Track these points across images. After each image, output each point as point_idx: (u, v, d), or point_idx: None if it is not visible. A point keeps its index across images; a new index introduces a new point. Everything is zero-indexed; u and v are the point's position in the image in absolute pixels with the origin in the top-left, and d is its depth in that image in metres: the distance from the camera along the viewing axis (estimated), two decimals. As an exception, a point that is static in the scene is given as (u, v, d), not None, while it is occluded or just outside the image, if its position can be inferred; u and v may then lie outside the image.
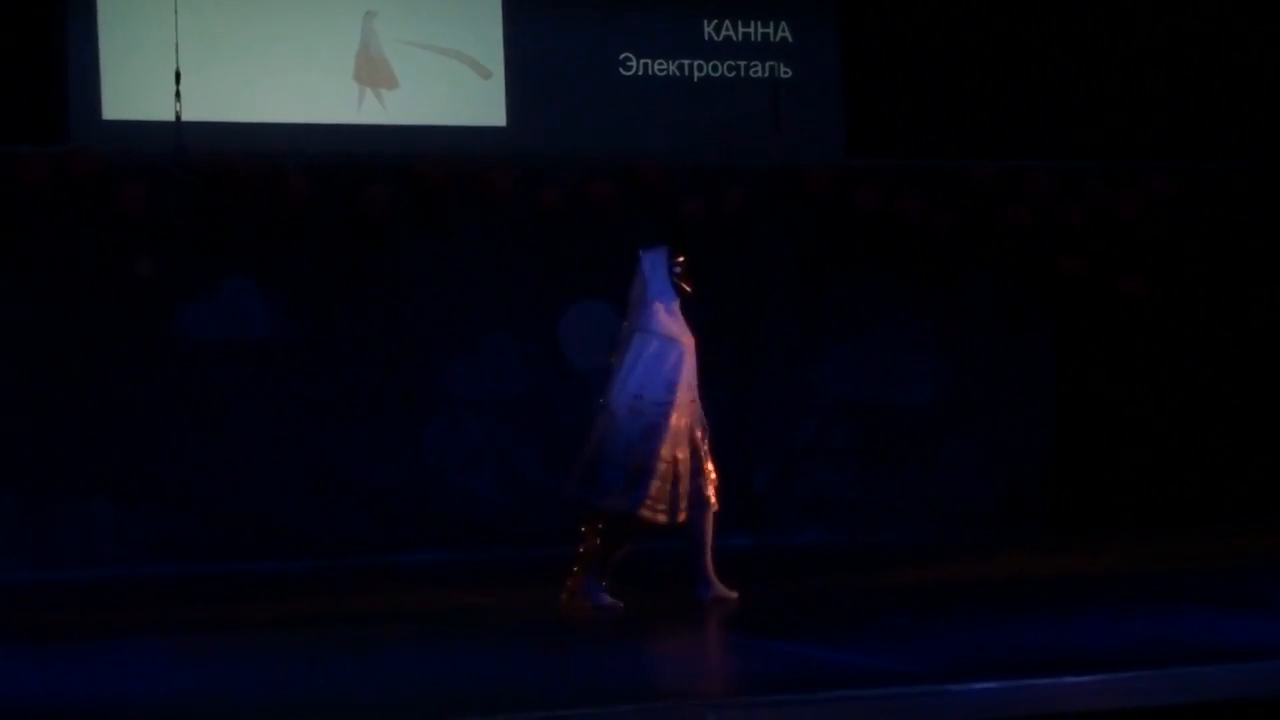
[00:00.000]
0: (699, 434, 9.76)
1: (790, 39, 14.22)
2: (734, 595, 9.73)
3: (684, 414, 9.70)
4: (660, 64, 13.98)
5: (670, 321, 9.84)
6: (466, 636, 9.17)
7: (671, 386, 9.70)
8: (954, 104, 14.32)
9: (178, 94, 12.49)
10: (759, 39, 14.18)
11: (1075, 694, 7.30)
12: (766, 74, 14.14)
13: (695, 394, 9.82)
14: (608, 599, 9.69)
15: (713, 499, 9.74)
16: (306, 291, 12.80)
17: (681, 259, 9.95)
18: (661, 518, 9.59)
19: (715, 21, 14.10)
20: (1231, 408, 14.21)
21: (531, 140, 13.51)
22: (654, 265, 9.97)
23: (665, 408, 9.67)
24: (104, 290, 12.45)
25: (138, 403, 12.49)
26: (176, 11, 12.62)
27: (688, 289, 9.90)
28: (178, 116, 12.58)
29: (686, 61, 14.04)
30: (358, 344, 12.88)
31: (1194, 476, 14.00)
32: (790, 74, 14.17)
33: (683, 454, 9.65)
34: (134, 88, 12.80)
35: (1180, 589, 10.16)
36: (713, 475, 9.78)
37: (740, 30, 14.17)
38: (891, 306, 13.80)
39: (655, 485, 9.55)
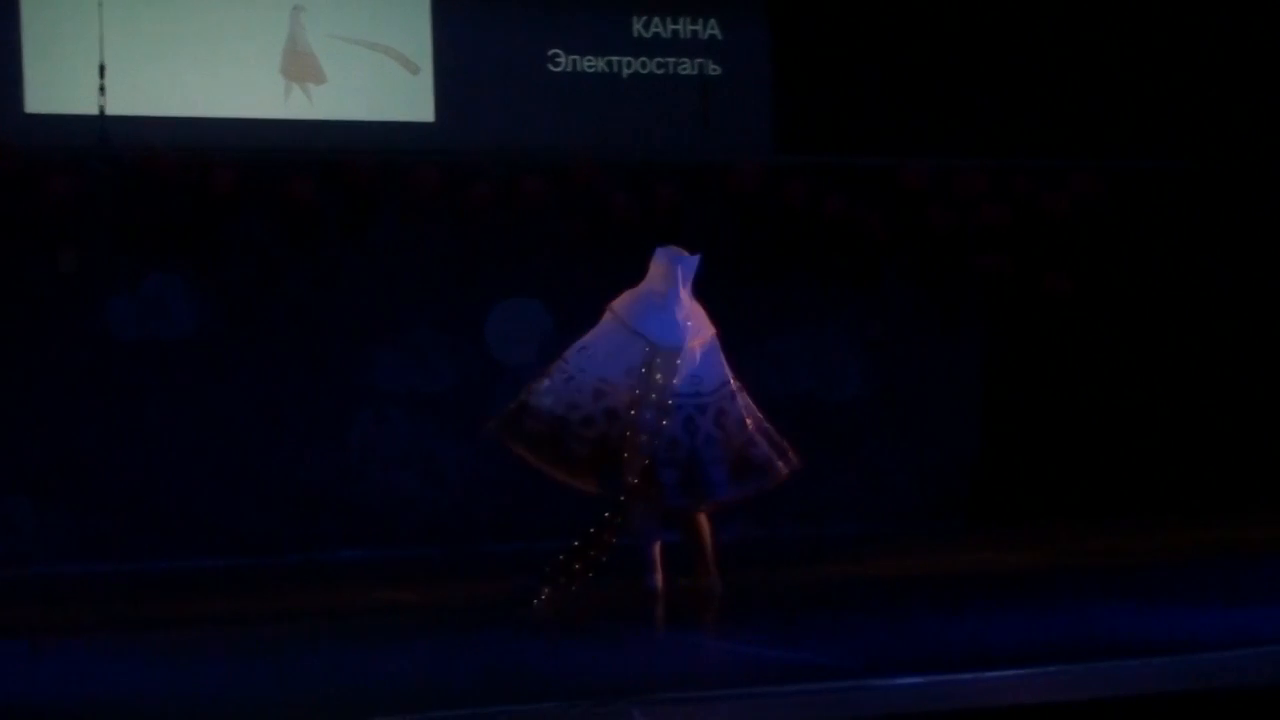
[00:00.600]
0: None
1: (720, 36, 14.24)
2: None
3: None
4: (589, 60, 13.97)
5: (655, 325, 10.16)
6: (391, 634, 9.13)
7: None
8: (883, 102, 14.35)
9: (102, 87, 12.43)
10: (688, 36, 14.19)
11: (999, 688, 7.32)
12: (696, 71, 14.15)
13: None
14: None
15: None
16: (232, 287, 12.72)
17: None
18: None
19: (645, 18, 14.10)
20: (1156, 405, 14.29)
21: (460, 136, 13.47)
22: (666, 261, 10.27)
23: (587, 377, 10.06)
24: (26, 285, 12.33)
25: (60, 399, 12.38)
26: (100, 4, 12.55)
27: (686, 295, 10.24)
28: (101, 110, 12.52)
29: (616, 58, 14.04)
30: (283, 340, 12.80)
31: (1119, 472, 14.08)
32: (719, 71, 14.19)
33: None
34: (57, 80, 12.71)
35: (1104, 584, 10.21)
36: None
37: (669, 27, 14.18)
38: (819, 303, 13.81)
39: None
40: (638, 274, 13.32)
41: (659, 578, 9.89)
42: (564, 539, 10.02)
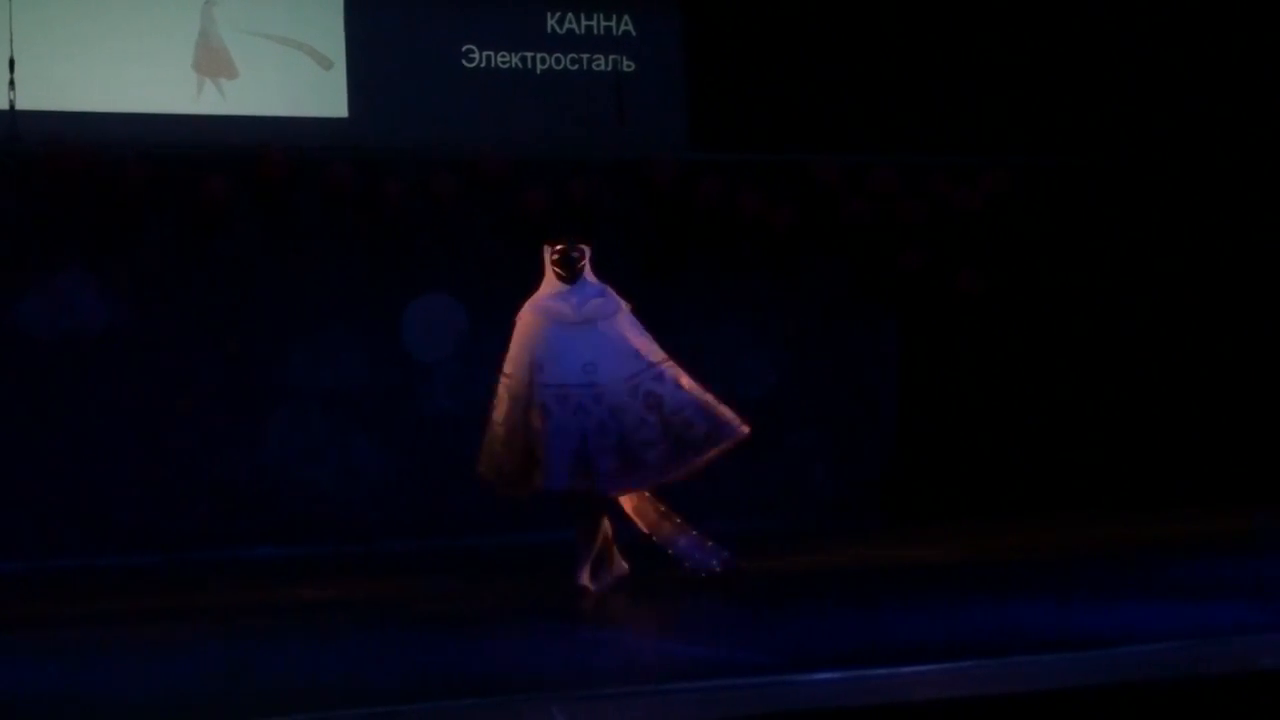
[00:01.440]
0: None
1: (633, 32, 14.25)
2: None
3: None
4: (503, 56, 13.95)
5: (546, 301, 9.97)
6: (308, 631, 9.08)
7: (534, 366, 9.85)
8: (797, 98, 14.39)
9: (11, 82, 12.34)
10: (602, 31, 14.19)
11: (916, 683, 7.34)
12: (609, 67, 14.16)
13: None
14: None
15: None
16: (144, 283, 12.65)
17: (558, 247, 10.03)
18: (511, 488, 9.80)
19: (558, 14, 14.09)
20: (1067, 400, 14.39)
21: (373, 132, 13.44)
22: (545, 259, 10.11)
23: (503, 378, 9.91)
24: (-64, 281, 12.24)
25: (-30, 395, 12.30)
26: (10, -1, 12.47)
27: (560, 273, 9.96)
28: (11, 105, 12.43)
29: (529, 54, 14.02)
30: (197, 336, 12.74)
31: (1032, 468, 14.18)
32: (633, 67, 14.19)
33: (537, 423, 9.73)
34: (-34, 76, 12.60)
35: (1019, 579, 10.26)
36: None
37: (583, 23, 14.17)
38: (734, 299, 13.85)
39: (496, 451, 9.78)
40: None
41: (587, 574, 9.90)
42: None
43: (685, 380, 10.12)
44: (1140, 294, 14.55)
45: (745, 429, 10.23)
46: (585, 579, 9.88)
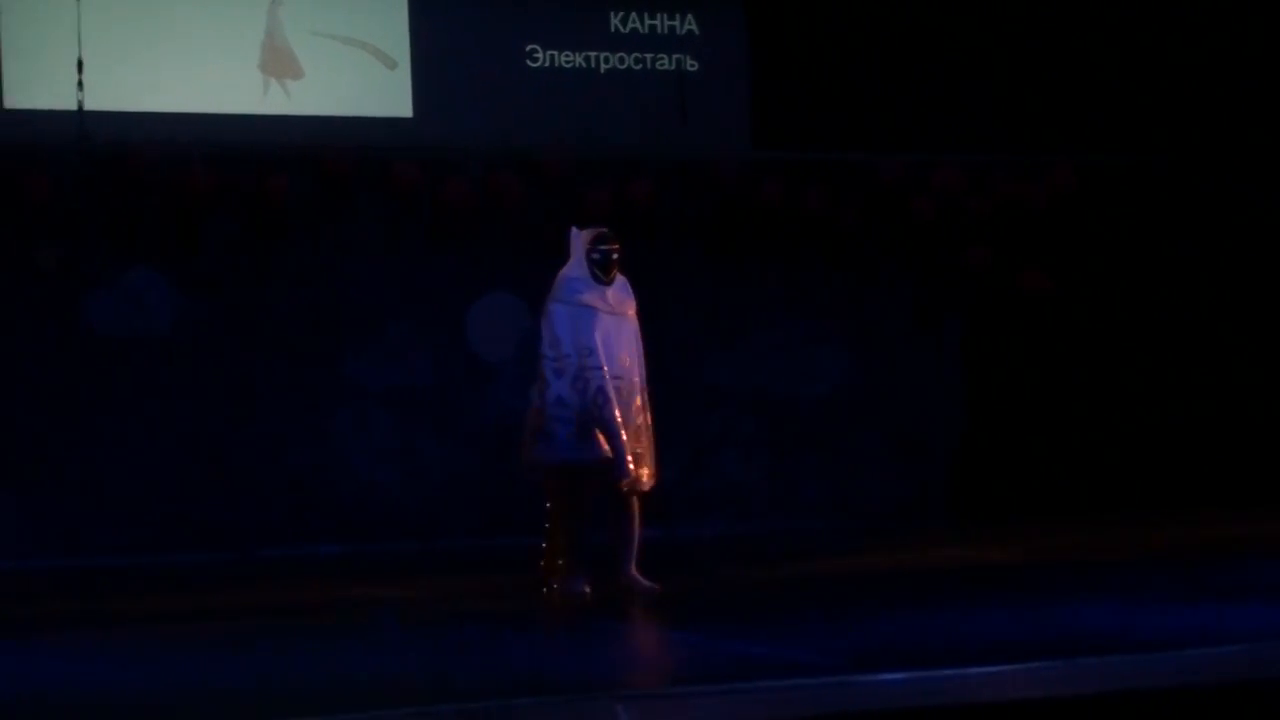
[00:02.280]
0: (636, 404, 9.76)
1: (697, 31, 14.25)
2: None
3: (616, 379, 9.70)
4: (567, 56, 13.97)
5: (587, 294, 9.78)
6: (372, 630, 9.12)
7: (583, 347, 9.69)
8: (861, 97, 14.37)
9: (80, 83, 12.43)
10: (665, 31, 14.20)
11: (981, 684, 7.33)
12: (673, 66, 14.16)
13: (630, 365, 9.79)
14: (580, 587, 9.65)
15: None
16: (211, 282, 12.71)
17: (604, 246, 9.85)
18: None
19: (622, 14, 14.10)
20: (1135, 399, 14.31)
21: (437, 131, 13.47)
22: (573, 242, 9.94)
23: (573, 361, 9.71)
24: (6, 281, 12.31)
25: (41, 394, 12.37)
26: (79, 1, 12.53)
27: (601, 275, 9.78)
28: (80, 106, 12.51)
29: (593, 54, 14.04)
30: (263, 335, 12.80)
31: (1099, 468, 14.11)
32: (696, 66, 14.19)
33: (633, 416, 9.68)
34: (36, 76, 12.69)
35: (1086, 579, 10.22)
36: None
37: (647, 22, 14.18)
38: (798, 299, 13.82)
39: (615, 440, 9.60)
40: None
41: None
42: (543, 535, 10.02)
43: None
44: (1208, 292, 14.46)
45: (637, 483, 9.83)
46: (632, 572, 9.76)
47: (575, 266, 9.85)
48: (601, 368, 9.62)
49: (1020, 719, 7.08)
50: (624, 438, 9.59)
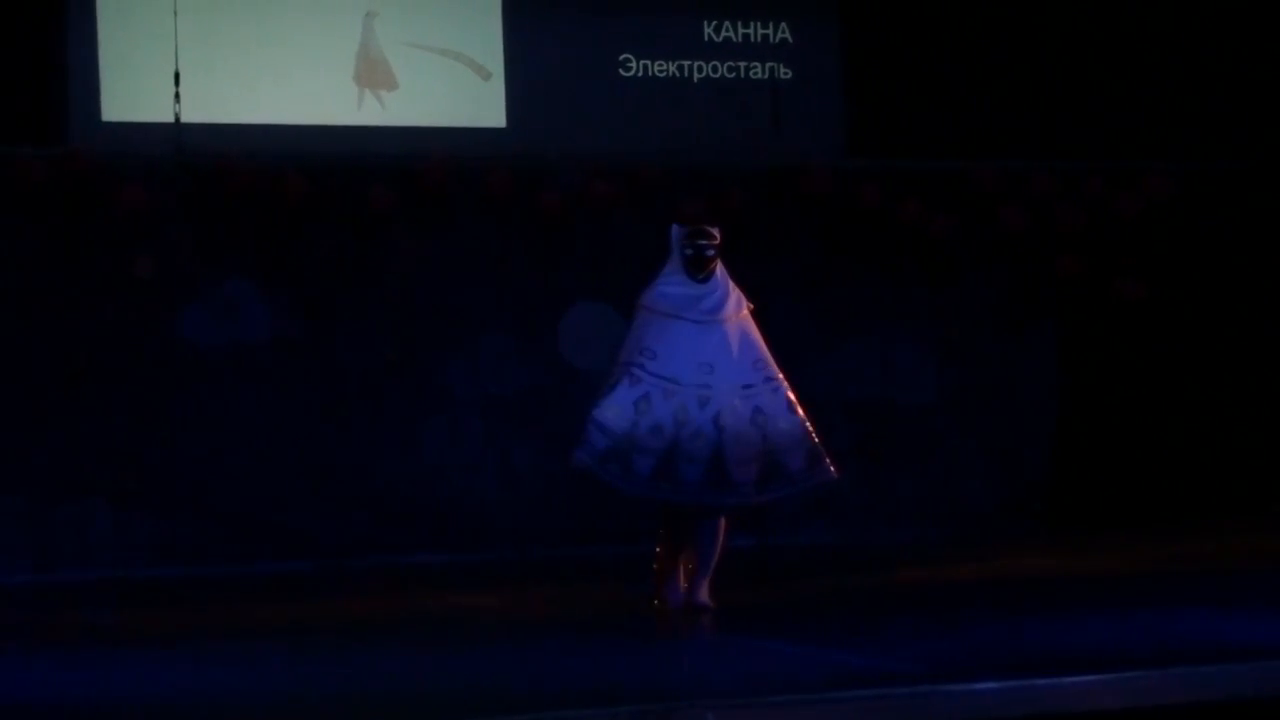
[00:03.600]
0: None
1: (790, 39, 14.21)
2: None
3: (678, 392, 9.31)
4: (660, 65, 13.97)
5: (671, 301, 9.50)
6: (467, 638, 9.16)
7: (636, 350, 9.42)
8: (954, 104, 14.31)
9: (177, 95, 12.53)
10: (759, 40, 14.17)
11: (1076, 694, 7.30)
12: (766, 75, 14.14)
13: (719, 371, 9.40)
14: (676, 596, 9.48)
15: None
16: (307, 293, 12.79)
17: (698, 241, 9.58)
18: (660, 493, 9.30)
19: (715, 22, 14.09)
20: (1232, 407, 14.20)
21: (531, 141, 13.50)
22: (675, 238, 9.71)
23: (621, 365, 9.46)
24: (103, 292, 12.42)
25: (137, 404, 12.47)
26: (176, 13, 12.65)
27: (694, 273, 9.54)
28: (177, 118, 12.61)
29: (686, 62, 14.03)
30: (358, 345, 12.86)
31: (1195, 476, 13.99)
32: (790, 75, 14.16)
33: (687, 431, 9.25)
34: (133, 89, 12.78)
35: (1182, 588, 10.15)
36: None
37: (740, 31, 14.16)
38: (893, 307, 13.78)
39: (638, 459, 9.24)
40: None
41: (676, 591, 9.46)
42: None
43: (795, 404, 9.50)
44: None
45: (836, 473, 9.58)
46: (691, 594, 9.42)
47: (670, 264, 9.65)
48: (644, 368, 9.30)
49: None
50: (601, 428, 9.26)
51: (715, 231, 9.70)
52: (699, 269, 9.56)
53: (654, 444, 9.22)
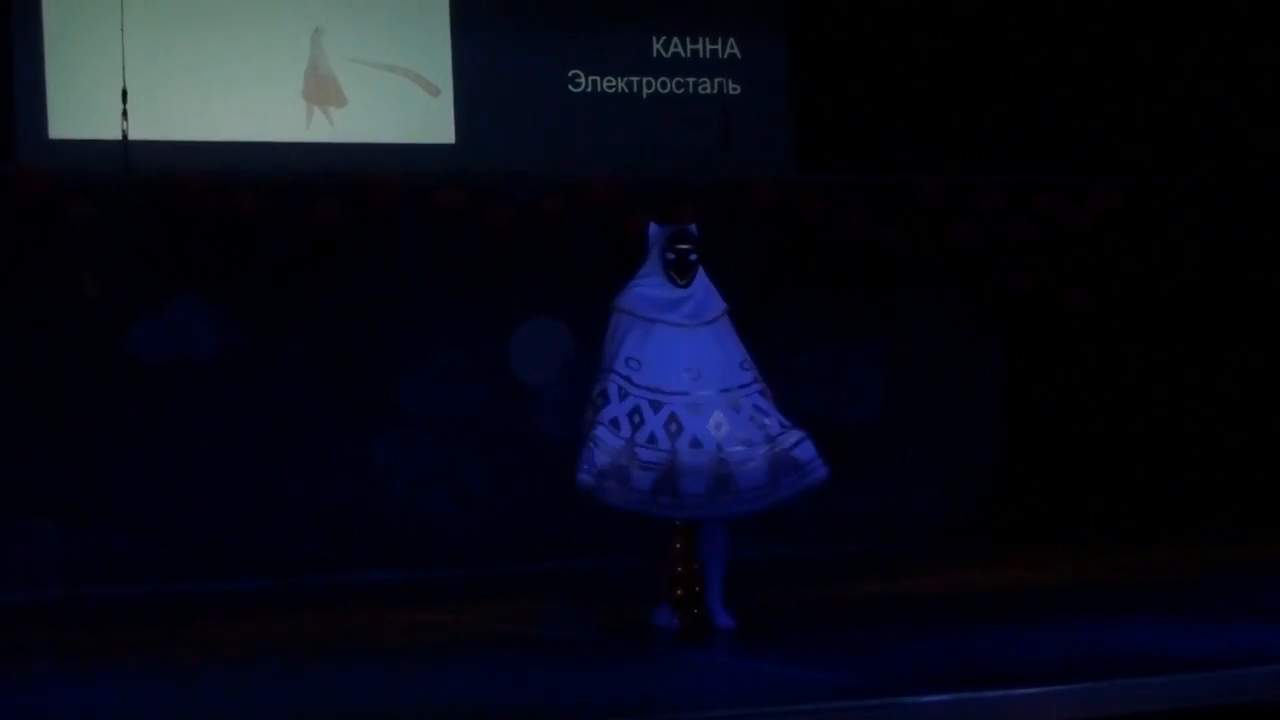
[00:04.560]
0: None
1: (738, 55, 14.25)
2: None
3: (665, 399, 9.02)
4: (609, 80, 14.00)
5: (650, 305, 9.19)
6: (420, 656, 9.14)
7: (619, 358, 9.08)
8: (902, 119, 14.36)
9: (124, 112, 12.49)
10: (708, 55, 14.21)
11: (1025, 706, 7.32)
12: (715, 90, 14.17)
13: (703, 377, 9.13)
14: (665, 618, 9.26)
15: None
16: (256, 310, 12.77)
17: (681, 245, 9.23)
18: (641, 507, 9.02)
19: (664, 38, 14.12)
20: (1181, 420, 14.27)
21: (480, 157, 13.50)
22: (650, 239, 9.37)
23: (607, 375, 9.12)
24: (52, 309, 12.39)
25: (85, 422, 12.44)
26: (123, 30, 12.61)
27: (675, 278, 9.22)
28: (124, 135, 12.57)
29: (635, 78, 14.06)
30: (308, 362, 12.85)
31: (1143, 489, 14.06)
32: (739, 90, 14.20)
33: (683, 441, 8.96)
34: (80, 106, 12.76)
35: (1129, 600, 10.20)
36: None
37: (689, 47, 14.20)
38: (841, 321, 13.83)
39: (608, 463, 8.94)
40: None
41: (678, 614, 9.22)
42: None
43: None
44: (1253, 312, 14.41)
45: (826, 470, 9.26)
46: (671, 617, 9.21)
47: (648, 265, 9.29)
48: (631, 380, 8.99)
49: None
50: (599, 444, 8.94)
51: (696, 232, 9.38)
52: (681, 275, 9.23)
53: (652, 457, 8.93)
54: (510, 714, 7.34)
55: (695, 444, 8.99)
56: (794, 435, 9.21)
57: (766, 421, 9.17)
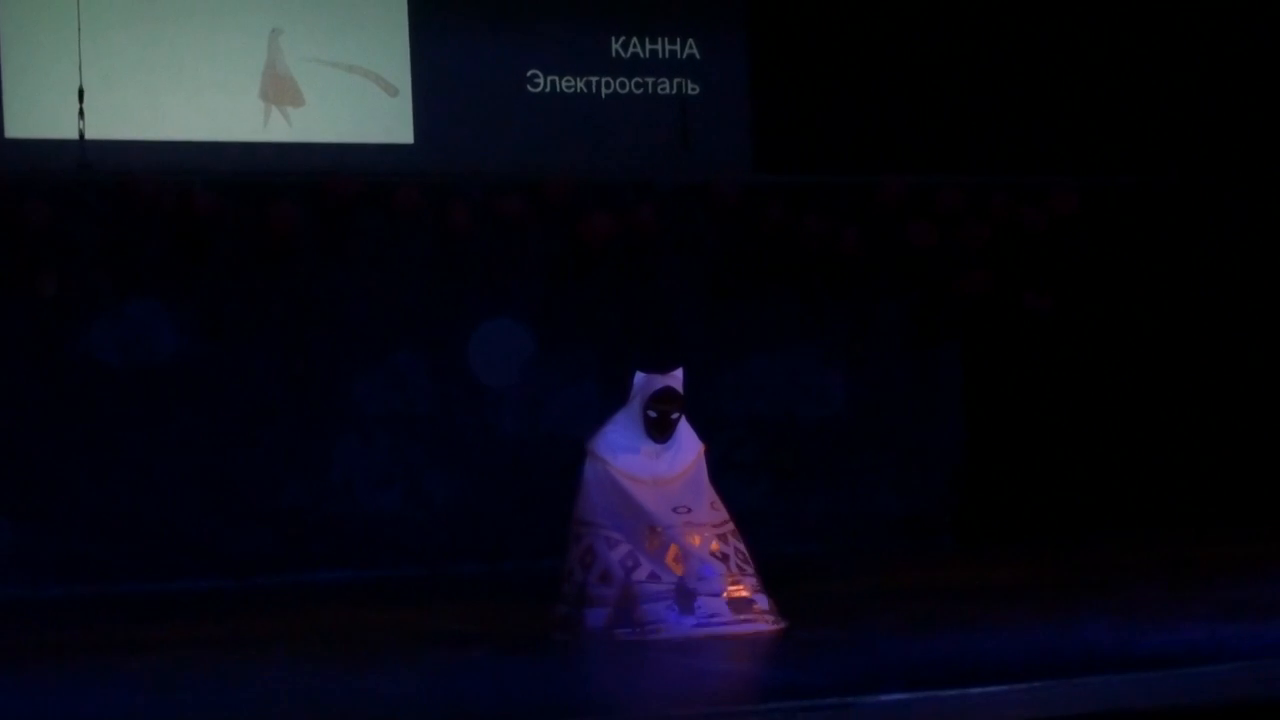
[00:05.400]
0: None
1: (698, 55, 14.26)
2: None
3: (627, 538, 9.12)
4: (568, 81, 13.99)
5: (626, 456, 9.24)
6: (378, 656, 9.12)
7: (613, 519, 9.16)
8: (861, 120, 14.37)
9: (81, 112, 12.45)
10: (666, 56, 14.21)
11: (982, 705, 7.33)
12: (674, 91, 14.18)
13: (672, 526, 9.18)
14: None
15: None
16: (213, 310, 12.73)
17: (662, 406, 9.24)
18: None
19: (623, 38, 14.12)
20: (1138, 419, 14.32)
21: (439, 157, 13.49)
22: (638, 389, 9.34)
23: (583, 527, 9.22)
24: (7, 309, 12.33)
25: (41, 423, 12.38)
26: (79, 29, 12.57)
27: (655, 435, 9.25)
28: (81, 134, 12.53)
29: (594, 78, 14.06)
30: (265, 362, 12.81)
31: (1100, 488, 14.10)
32: (698, 91, 14.21)
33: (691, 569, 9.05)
34: (36, 105, 12.71)
35: (1087, 598, 10.22)
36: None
37: (648, 47, 14.20)
38: (800, 322, 13.83)
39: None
40: (617, 293, 13.40)
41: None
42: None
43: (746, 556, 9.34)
44: (1210, 315, 14.46)
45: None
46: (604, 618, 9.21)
47: (627, 413, 9.31)
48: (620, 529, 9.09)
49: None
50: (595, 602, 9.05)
51: (681, 392, 9.38)
52: (660, 434, 9.28)
53: (656, 589, 9.03)
54: (462, 714, 7.33)
55: (701, 574, 9.08)
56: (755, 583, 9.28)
57: (746, 558, 9.31)
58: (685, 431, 9.49)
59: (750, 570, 9.29)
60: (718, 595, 9.10)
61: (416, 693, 7.95)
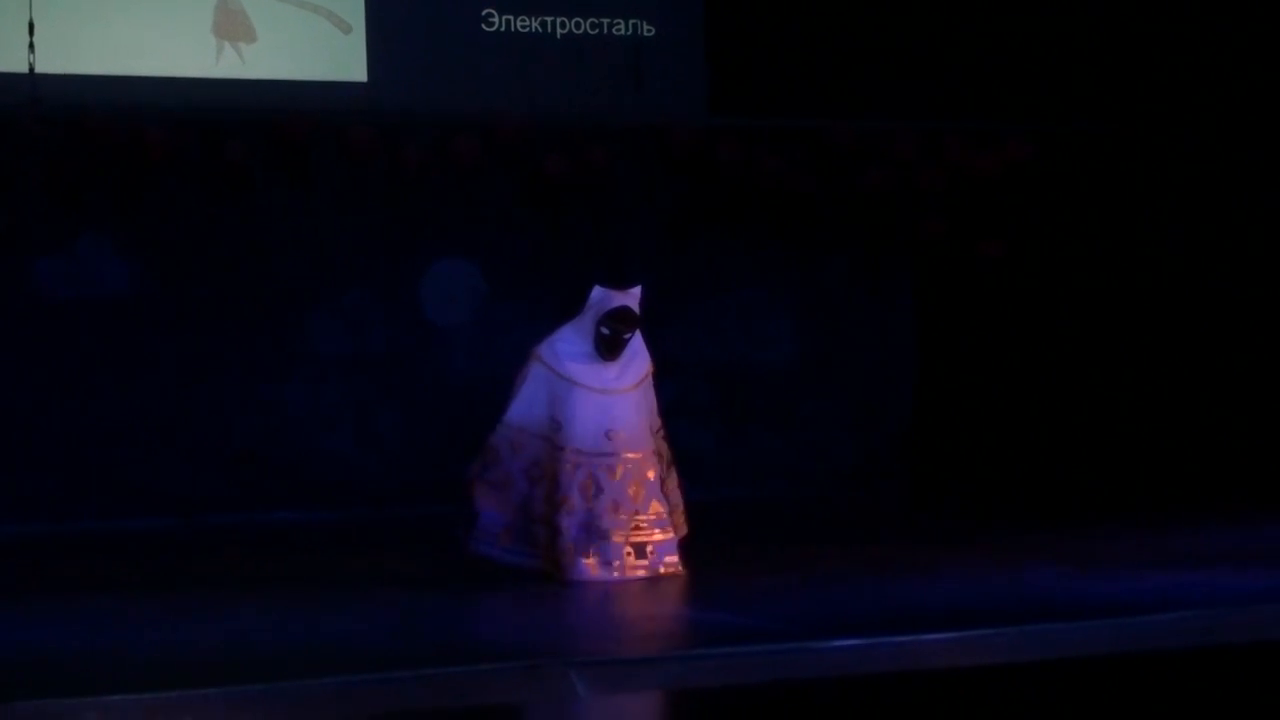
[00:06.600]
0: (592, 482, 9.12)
1: (653, -4, 14.20)
2: None
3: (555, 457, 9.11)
4: (523, 20, 13.90)
5: (577, 364, 9.19)
6: (329, 596, 9.11)
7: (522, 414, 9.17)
8: (816, 63, 14.32)
9: (31, 45, 12.32)
10: (622, -4, 14.14)
11: (931, 651, 7.36)
12: (629, 32, 14.11)
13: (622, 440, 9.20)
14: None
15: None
16: (165, 247, 12.65)
17: (615, 324, 9.18)
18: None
19: (578, -22, 14.04)
20: (1088, 369, 14.35)
21: (392, 96, 13.40)
22: (594, 303, 9.26)
23: (505, 430, 9.24)
24: (-47, 245, 12.25)
25: (-9, 359, 12.32)
26: (30, -39, 12.45)
27: (605, 352, 9.18)
28: (31, 68, 12.40)
29: (549, 18, 13.97)
30: (217, 301, 12.74)
31: (1052, 436, 14.14)
32: (653, 32, 14.14)
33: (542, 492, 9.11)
34: (-14, 39, 12.59)
35: (1038, 547, 10.26)
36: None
37: (603, -13, 14.13)
38: (753, 266, 13.82)
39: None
40: (570, 235, 13.36)
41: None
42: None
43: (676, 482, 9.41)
44: (1165, 261, 14.48)
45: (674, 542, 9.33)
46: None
47: (579, 324, 9.24)
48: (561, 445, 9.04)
49: (972, 685, 7.11)
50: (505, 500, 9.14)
51: (638, 313, 9.31)
52: (610, 352, 9.22)
53: (576, 523, 9.06)
54: (416, 653, 7.32)
55: (615, 506, 9.10)
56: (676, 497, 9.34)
57: (664, 475, 9.34)
58: (638, 345, 9.39)
59: (665, 512, 9.24)
60: (619, 541, 9.10)
61: (366, 633, 7.95)
